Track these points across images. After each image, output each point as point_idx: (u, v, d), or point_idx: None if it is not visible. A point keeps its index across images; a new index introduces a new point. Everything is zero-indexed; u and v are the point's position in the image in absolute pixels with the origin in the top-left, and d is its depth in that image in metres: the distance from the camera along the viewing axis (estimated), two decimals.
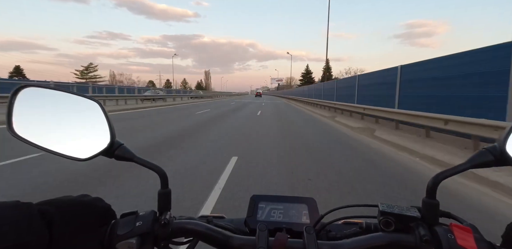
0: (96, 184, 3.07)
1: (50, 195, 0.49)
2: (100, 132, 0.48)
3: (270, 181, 3.33)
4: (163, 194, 0.50)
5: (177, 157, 4.42)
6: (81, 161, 0.47)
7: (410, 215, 0.45)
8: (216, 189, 2.98)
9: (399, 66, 9.29)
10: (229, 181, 3.26)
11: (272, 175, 3.56)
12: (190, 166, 3.91)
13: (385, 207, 0.47)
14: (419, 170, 4.15)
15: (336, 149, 5.49)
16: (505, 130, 0.43)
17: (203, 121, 9.87)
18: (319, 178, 3.52)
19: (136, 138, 6.10)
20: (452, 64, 6.72)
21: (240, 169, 3.80)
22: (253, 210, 0.55)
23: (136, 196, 2.75)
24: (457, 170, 0.44)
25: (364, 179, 3.50)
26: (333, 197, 2.87)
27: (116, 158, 0.49)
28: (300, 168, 4.00)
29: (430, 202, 0.45)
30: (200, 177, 3.44)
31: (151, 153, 4.63)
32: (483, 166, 0.44)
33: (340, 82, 17.38)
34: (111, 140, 0.47)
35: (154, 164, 0.50)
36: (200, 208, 2.52)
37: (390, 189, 3.14)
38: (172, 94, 29.45)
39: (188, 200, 2.68)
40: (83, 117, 0.49)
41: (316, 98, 21.82)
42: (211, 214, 0.58)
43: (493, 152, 0.43)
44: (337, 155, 4.95)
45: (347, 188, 3.16)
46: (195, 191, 2.93)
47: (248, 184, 3.19)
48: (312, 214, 0.54)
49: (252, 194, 0.54)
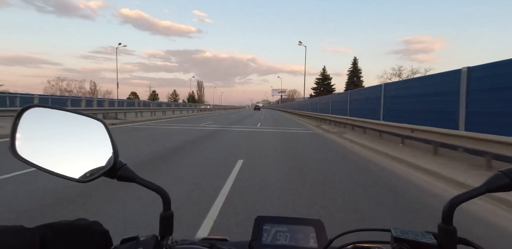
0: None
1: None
2: (103, 152, 0.47)
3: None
4: (165, 217, 0.48)
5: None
6: (81, 183, 0.46)
7: (426, 242, 0.42)
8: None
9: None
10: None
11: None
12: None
13: (398, 233, 0.44)
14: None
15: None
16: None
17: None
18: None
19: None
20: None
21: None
22: (258, 233, 0.52)
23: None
24: (473, 194, 0.42)
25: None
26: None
27: (118, 179, 0.47)
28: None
29: (447, 228, 0.43)
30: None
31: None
32: (500, 190, 0.41)
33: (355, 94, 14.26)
34: (114, 160, 0.46)
35: (157, 185, 0.48)
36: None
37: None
38: (134, 108, 21.31)
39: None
40: (87, 137, 0.49)
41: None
42: (214, 236, 0.55)
43: (509, 175, 0.41)
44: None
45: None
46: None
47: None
48: (320, 237, 0.51)
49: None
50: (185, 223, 2.42)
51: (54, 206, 2.77)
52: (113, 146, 0.47)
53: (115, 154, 0.47)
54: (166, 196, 0.48)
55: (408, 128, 6.99)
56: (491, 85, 5.25)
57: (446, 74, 6.67)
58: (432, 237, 0.44)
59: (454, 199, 0.43)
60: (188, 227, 2.33)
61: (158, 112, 24.81)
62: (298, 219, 0.55)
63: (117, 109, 18.41)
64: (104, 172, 0.46)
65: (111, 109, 17.55)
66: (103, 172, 0.46)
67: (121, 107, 20.55)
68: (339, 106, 15.75)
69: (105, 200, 2.95)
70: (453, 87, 6.22)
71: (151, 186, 0.48)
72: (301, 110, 28.60)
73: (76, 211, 2.64)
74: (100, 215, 2.56)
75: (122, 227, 2.30)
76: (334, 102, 17.44)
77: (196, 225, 2.39)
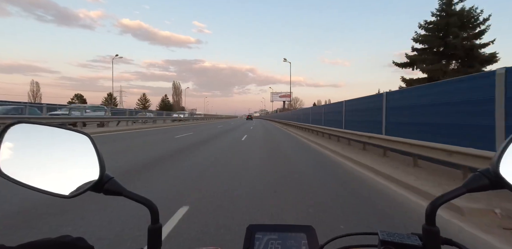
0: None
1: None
2: (89, 166, 0.48)
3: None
4: (154, 230, 0.49)
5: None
6: (67, 198, 0.47)
7: (411, 244, 0.45)
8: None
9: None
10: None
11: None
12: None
13: (385, 236, 0.47)
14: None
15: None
16: (496, 152, 0.44)
17: None
18: None
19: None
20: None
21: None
22: (250, 242, 0.54)
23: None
24: (454, 195, 0.45)
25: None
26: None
27: (105, 193, 0.48)
28: None
29: (430, 229, 0.45)
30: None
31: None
32: (479, 190, 0.44)
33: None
34: (100, 174, 0.47)
35: (145, 198, 0.49)
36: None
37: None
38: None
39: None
40: (73, 152, 0.49)
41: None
42: (206, 247, 0.59)
43: (487, 175, 0.44)
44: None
45: None
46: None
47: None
48: (312, 243, 0.53)
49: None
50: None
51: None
52: (99, 159, 0.48)
53: (102, 167, 0.48)
54: (155, 209, 0.49)
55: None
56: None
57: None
58: (417, 238, 0.47)
59: (435, 200, 0.46)
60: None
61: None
62: (290, 226, 0.56)
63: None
64: (90, 187, 0.47)
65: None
66: (89, 186, 0.47)
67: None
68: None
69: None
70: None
71: (139, 199, 0.49)
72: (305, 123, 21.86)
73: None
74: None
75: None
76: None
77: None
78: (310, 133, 18.10)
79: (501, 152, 0.43)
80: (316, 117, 19.78)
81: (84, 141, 0.49)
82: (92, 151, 0.48)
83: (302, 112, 27.46)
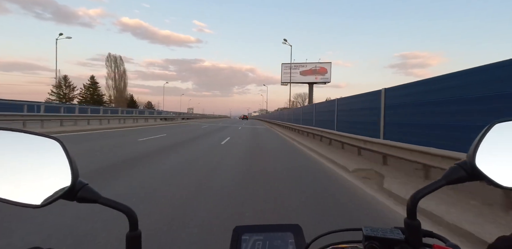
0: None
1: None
2: (60, 173, 0.46)
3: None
4: (132, 237, 0.48)
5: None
6: (36, 208, 0.44)
7: (393, 238, 0.47)
8: None
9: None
10: None
11: None
12: None
13: (369, 231, 0.49)
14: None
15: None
16: (472, 145, 0.45)
17: None
18: None
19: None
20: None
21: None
22: (237, 243, 0.54)
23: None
24: (433, 187, 0.47)
25: None
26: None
27: (78, 201, 0.47)
28: None
29: (411, 223, 0.47)
30: None
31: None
32: (457, 182, 0.46)
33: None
34: (72, 181, 0.46)
35: (122, 204, 0.49)
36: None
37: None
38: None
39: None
40: (41, 158, 0.47)
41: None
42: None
43: (464, 167, 0.45)
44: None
45: None
46: None
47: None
48: (298, 242, 0.54)
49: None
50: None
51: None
52: (71, 165, 0.46)
53: (74, 174, 0.46)
54: (133, 216, 0.48)
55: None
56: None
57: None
58: (400, 232, 0.49)
59: (415, 194, 0.47)
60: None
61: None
62: (277, 226, 0.57)
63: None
64: (62, 194, 0.45)
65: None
66: (60, 194, 0.45)
67: None
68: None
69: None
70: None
71: (116, 206, 0.48)
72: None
73: None
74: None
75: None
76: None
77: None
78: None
79: (476, 144, 0.45)
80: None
81: (54, 146, 0.47)
82: (63, 156, 0.46)
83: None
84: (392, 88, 8.16)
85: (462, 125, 5.27)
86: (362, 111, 10.11)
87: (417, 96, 6.80)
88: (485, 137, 0.45)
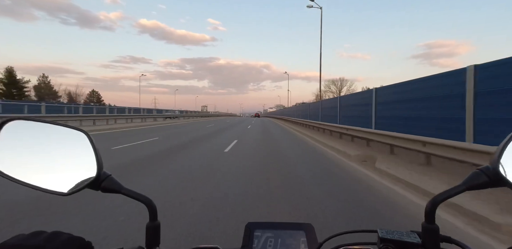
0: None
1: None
2: (86, 163, 0.49)
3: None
4: (152, 227, 0.49)
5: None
6: (64, 196, 0.47)
7: (410, 241, 0.46)
8: None
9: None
10: None
11: None
12: None
13: (384, 233, 0.47)
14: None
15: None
16: (496, 150, 0.43)
17: None
18: None
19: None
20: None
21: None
22: (249, 239, 0.54)
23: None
24: (453, 192, 0.46)
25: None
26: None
27: (103, 190, 0.49)
28: None
29: (430, 227, 0.46)
30: None
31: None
32: (478, 188, 0.45)
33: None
34: (97, 171, 0.48)
35: (143, 195, 0.50)
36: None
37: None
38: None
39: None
40: (70, 149, 0.50)
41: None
42: (204, 245, 0.56)
43: (487, 172, 0.44)
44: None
45: None
46: None
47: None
48: (311, 241, 0.54)
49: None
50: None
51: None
52: (96, 156, 0.49)
53: (99, 165, 0.48)
54: (153, 206, 0.50)
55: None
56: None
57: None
58: (416, 236, 0.47)
59: (434, 198, 0.46)
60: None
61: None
62: (289, 224, 0.57)
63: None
64: (88, 184, 0.47)
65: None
66: (86, 184, 0.47)
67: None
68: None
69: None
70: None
71: (137, 197, 0.50)
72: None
73: None
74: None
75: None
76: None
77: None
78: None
79: (501, 149, 0.43)
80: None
81: (81, 138, 0.50)
82: (89, 148, 0.49)
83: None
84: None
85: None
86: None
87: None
88: (510, 143, 0.44)
